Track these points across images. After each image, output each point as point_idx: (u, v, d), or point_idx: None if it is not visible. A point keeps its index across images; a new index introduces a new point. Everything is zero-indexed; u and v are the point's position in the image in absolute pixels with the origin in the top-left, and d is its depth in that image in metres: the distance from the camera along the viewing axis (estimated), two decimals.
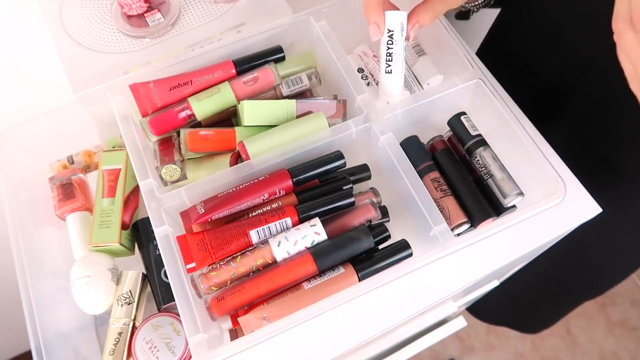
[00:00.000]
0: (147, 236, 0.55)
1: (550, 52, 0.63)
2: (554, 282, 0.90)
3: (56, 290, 0.56)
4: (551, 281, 0.90)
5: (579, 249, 0.77)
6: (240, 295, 0.47)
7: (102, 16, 0.63)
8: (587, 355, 1.45)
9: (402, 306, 0.53)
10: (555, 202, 0.51)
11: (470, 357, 1.46)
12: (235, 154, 0.55)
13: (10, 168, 0.59)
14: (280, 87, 0.58)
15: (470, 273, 0.54)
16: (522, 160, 0.54)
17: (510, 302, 1.03)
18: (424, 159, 0.55)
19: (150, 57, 0.60)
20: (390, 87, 0.55)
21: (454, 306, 0.87)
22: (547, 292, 0.94)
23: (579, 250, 0.77)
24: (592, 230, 0.58)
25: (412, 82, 0.61)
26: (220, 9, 0.63)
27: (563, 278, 0.87)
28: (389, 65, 0.53)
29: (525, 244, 0.56)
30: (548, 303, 0.99)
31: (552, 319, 1.08)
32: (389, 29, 0.50)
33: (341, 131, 0.54)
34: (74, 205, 0.57)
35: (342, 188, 0.52)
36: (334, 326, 0.52)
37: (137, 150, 0.53)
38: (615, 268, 0.83)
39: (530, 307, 1.03)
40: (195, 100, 0.54)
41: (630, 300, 1.51)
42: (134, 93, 0.54)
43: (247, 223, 0.49)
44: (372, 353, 0.87)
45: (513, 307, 1.06)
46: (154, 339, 0.51)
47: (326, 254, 0.48)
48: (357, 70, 0.62)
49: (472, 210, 0.52)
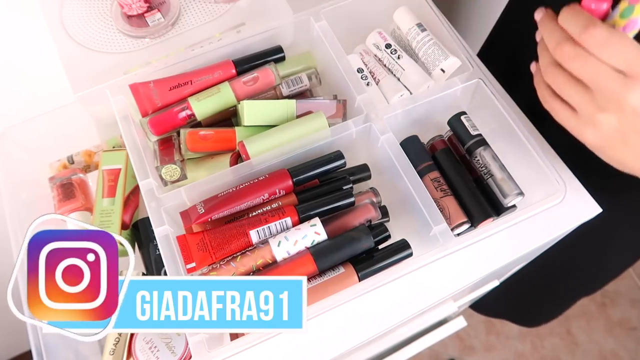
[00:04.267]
0: (147, 236, 0.55)
1: None
2: (553, 276, 0.90)
3: None
4: (550, 275, 0.90)
5: (577, 246, 0.77)
6: None
7: (102, 16, 0.63)
8: (587, 355, 1.45)
9: (402, 306, 0.53)
10: (555, 202, 0.51)
11: (470, 357, 1.46)
12: (235, 154, 0.55)
13: (10, 168, 0.59)
14: (280, 87, 0.58)
15: (470, 273, 0.54)
16: (522, 160, 0.54)
17: (509, 295, 1.03)
18: (424, 159, 0.55)
19: (150, 57, 0.60)
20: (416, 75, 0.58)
21: (454, 306, 0.87)
22: (547, 285, 0.95)
23: (578, 247, 0.77)
24: (592, 230, 0.58)
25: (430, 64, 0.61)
26: (220, 9, 0.63)
27: (562, 273, 0.88)
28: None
29: (525, 244, 0.56)
30: (548, 296, 0.99)
31: (552, 313, 1.08)
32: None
33: (341, 131, 0.54)
34: (74, 205, 0.57)
35: (342, 188, 0.52)
36: (334, 326, 0.52)
37: (137, 150, 0.53)
38: (613, 264, 0.83)
39: (529, 300, 1.03)
40: (195, 100, 0.54)
41: (630, 300, 1.51)
42: (134, 93, 0.54)
43: (247, 223, 0.49)
44: (372, 353, 0.87)
45: (512, 299, 1.06)
46: (154, 338, 0.51)
47: (326, 253, 0.48)
48: (357, 70, 0.62)
49: (472, 210, 0.52)
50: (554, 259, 0.82)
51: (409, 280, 0.50)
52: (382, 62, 0.62)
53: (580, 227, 0.57)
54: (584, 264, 0.83)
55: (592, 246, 0.78)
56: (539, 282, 0.94)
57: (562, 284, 0.92)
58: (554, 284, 0.93)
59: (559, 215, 0.55)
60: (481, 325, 1.48)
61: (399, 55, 0.61)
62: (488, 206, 0.53)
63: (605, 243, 0.76)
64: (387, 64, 0.62)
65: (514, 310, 1.12)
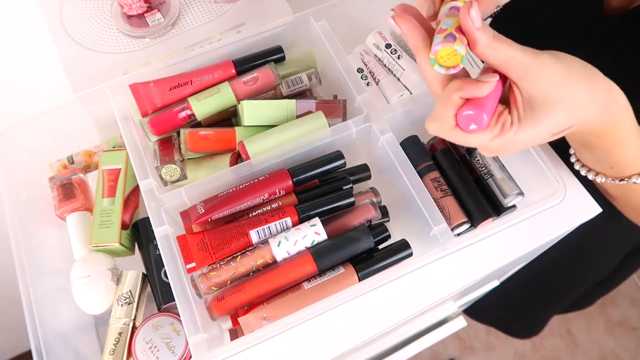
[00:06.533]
0: (147, 236, 0.55)
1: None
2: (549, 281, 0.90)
3: (56, 290, 0.56)
4: (545, 281, 0.90)
5: (576, 248, 0.77)
6: (240, 295, 0.47)
7: (102, 16, 0.63)
8: (587, 355, 1.45)
9: (402, 306, 0.53)
10: (555, 202, 0.51)
11: (470, 357, 1.46)
12: (235, 154, 0.55)
13: (10, 168, 0.59)
14: (280, 87, 0.58)
15: (470, 273, 0.54)
16: (522, 160, 0.54)
17: (503, 304, 1.03)
18: (424, 159, 0.55)
19: (150, 57, 0.60)
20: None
21: (454, 306, 0.87)
22: (540, 293, 0.95)
23: (576, 249, 0.78)
24: (592, 229, 0.58)
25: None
26: (220, 9, 0.63)
27: (558, 276, 0.88)
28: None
29: (525, 244, 0.56)
30: (540, 304, 0.99)
31: (541, 322, 1.08)
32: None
33: (341, 131, 0.54)
34: (74, 205, 0.57)
35: (342, 188, 0.52)
36: (334, 326, 0.52)
37: (137, 150, 0.53)
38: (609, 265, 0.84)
39: (522, 310, 1.03)
40: (195, 100, 0.54)
41: (630, 300, 1.51)
42: (134, 93, 0.54)
43: (247, 223, 0.49)
44: (372, 353, 0.87)
45: (506, 308, 1.06)
46: (154, 338, 0.51)
47: (326, 253, 0.48)
48: (357, 70, 0.62)
49: (472, 210, 0.52)
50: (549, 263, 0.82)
51: (409, 280, 0.50)
52: (382, 62, 0.62)
53: (580, 228, 0.57)
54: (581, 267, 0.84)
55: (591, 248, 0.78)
56: (533, 290, 0.94)
57: (556, 291, 0.92)
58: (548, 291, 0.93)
59: (559, 215, 0.55)
60: (481, 325, 1.48)
61: (399, 55, 0.61)
62: (488, 206, 0.53)
63: (604, 244, 0.77)
64: (387, 64, 0.62)
65: (506, 319, 1.12)
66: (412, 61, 0.61)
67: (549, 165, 0.52)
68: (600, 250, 0.80)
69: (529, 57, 0.36)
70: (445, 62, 0.37)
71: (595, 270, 0.87)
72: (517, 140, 0.38)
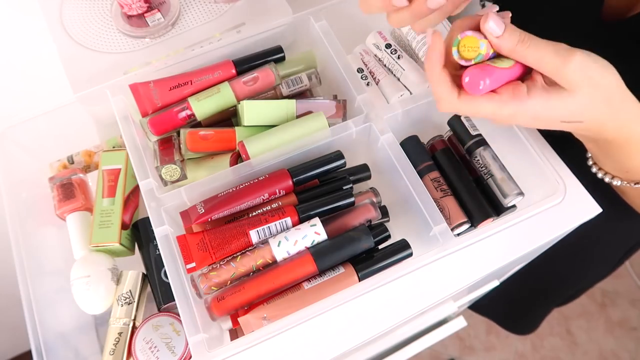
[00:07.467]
0: (147, 236, 0.55)
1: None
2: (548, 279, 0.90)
3: (56, 290, 0.56)
4: (545, 279, 0.90)
5: (576, 247, 0.77)
6: (240, 295, 0.47)
7: (102, 16, 0.63)
8: (587, 355, 1.45)
9: (402, 306, 0.53)
10: (555, 202, 0.51)
11: (470, 357, 1.46)
12: (235, 154, 0.55)
13: (10, 168, 0.59)
14: (280, 87, 0.58)
15: (470, 273, 0.54)
16: (522, 160, 0.54)
17: (503, 300, 1.04)
18: (424, 159, 0.55)
19: (150, 57, 0.60)
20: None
21: (454, 306, 0.87)
22: (540, 290, 0.95)
23: (576, 248, 0.78)
24: (592, 229, 0.58)
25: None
26: (220, 9, 0.63)
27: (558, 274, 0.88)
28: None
29: (525, 244, 0.56)
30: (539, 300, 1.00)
31: (540, 318, 1.09)
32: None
33: (341, 131, 0.54)
34: (74, 205, 0.57)
35: (342, 188, 0.52)
36: (334, 326, 0.52)
37: (137, 150, 0.53)
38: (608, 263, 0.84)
39: (521, 306, 1.04)
40: (195, 100, 0.54)
41: (630, 300, 1.51)
42: (134, 93, 0.54)
43: (247, 223, 0.49)
44: (372, 353, 0.87)
45: (506, 305, 1.06)
46: (154, 339, 0.51)
47: (326, 253, 0.48)
48: (357, 70, 0.62)
49: (472, 210, 0.52)
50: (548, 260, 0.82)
51: (409, 280, 0.50)
52: (382, 62, 0.62)
53: (580, 228, 0.57)
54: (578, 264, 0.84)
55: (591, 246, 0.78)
56: (532, 286, 0.95)
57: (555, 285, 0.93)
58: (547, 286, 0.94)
59: (559, 215, 0.55)
60: (481, 325, 1.48)
61: (399, 55, 0.61)
62: (488, 206, 0.53)
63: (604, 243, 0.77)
64: (387, 64, 0.62)
65: (506, 314, 1.12)
66: (412, 61, 0.61)
67: (549, 166, 0.52)
68: (600, 250, 0.81)
69: (560, 59, 0.37)
70: (464, 52, 0.39)
71: (595, 269, 0.87)
72: (527, 110, 0.38)
